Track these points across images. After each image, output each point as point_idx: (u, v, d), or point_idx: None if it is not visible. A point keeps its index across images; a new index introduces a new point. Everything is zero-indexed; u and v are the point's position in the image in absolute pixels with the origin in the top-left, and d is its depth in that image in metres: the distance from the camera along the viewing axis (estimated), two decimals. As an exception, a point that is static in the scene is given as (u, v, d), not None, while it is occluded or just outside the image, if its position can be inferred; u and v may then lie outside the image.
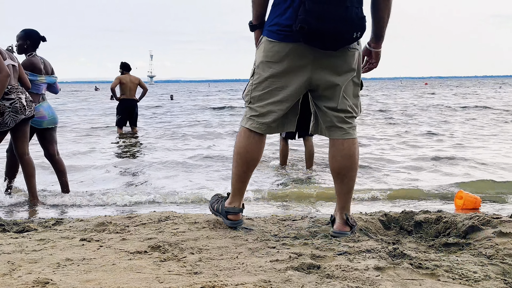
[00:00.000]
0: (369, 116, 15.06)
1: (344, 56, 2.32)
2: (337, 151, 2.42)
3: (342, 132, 2.40)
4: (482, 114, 14.96)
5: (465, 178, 5.32)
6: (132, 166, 6.52)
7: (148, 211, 3.29)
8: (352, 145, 2.41)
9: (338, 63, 2.32)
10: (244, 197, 2.61)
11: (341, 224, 2.44)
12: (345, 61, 2.33)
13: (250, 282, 1.74)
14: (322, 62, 2.31)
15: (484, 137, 9.34)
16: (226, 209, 2.56)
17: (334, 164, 2.44)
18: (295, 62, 2.31)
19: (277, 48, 2.32)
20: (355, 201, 4.32)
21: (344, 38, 2.20)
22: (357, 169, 2.46)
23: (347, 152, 2.40)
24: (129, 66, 9.77)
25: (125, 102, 9.70)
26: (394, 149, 7.95)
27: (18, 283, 1.73)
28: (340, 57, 2.31)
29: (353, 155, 2.41)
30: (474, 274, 1.79)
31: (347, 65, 2.34)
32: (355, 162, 2.43)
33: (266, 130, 2.44)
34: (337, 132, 2.41)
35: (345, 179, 2.43)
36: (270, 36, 2.34)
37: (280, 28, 2.30)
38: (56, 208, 4.26)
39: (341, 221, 2.45)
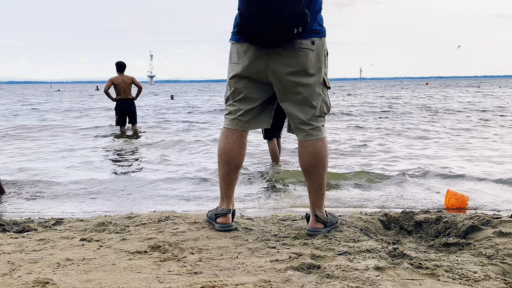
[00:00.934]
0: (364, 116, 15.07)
1: (296, 56, 2.35)
2: (302, 149, 2.47)
3: (304, 134, 2.45)
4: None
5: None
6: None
7: (148, 211, 3.29)
8: (317, 143, 2.44)
9: (290, 63, 2.36)
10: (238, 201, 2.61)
11: (313, 222, 2.49)
12: (297, 61, 2.36)
13: (250, 282, 1.74)
14: (276, 60, 2.36)
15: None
16: (215, 212, 2.58)
17: (300, 161, 2.50)
18: (252, 61, 2.40)
19: (236, 49, 2.45)
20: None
21: (282, 34, 2.25)
22: (325, 166, 2.48)
23: (311, 149, 2.44)
24: (122, 66, 9.77)
25: (121, 101, 9.83)
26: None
27: (18, 283, 1.73)
28: (292, 57, 2.35)
29: (318, 153, 2.44)
30: (474, 274, 1.79)
31: (300, 65, 2.36)
32: (321, 160, 2.45)
33: (239, 125, 2.50)
34: (300, 133, 2.47)
35: (312, 176, 2.47)
36: (231, 38, 2.47)
37: (235, 30, 2.38)
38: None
39: (313, 218, 2.49)
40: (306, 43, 2.35)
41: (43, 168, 6.14)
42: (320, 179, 2.48)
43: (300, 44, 2.34)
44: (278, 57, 2.36)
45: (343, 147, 8.04)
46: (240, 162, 2.54)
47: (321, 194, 2.51)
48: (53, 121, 14.31)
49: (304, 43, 2.35)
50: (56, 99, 25.74)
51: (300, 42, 2.34)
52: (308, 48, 2.36)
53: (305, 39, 2.35)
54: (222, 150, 2.52)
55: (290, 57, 2.35)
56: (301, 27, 2.25)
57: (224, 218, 2.53)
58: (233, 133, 2.51)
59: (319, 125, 2.47)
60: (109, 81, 9.72)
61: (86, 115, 17.04)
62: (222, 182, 2.57)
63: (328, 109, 2.50)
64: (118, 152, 7.84)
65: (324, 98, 2.47)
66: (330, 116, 14.41)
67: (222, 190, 2.58)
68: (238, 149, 2.51)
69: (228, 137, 2.51)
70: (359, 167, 5.98)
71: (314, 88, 2.41)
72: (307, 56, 2.36)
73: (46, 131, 11.20)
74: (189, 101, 27.95)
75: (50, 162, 6.76)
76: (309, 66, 2.38)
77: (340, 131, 10.69)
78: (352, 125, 12.20)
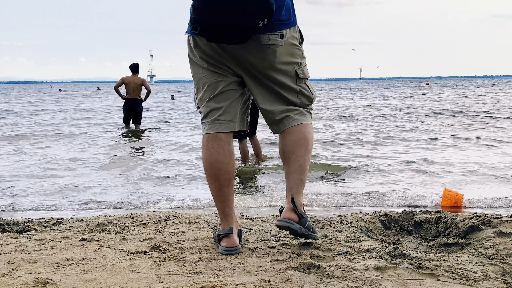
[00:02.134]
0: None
1: (263, 53, 2.07)
2: (285, 135, 2.18)
3: (289, 120, 2.17)
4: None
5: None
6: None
7: (148, 211, 3.29)
8: (300, 124, 2.17)
9: (258, 60, 2.09)
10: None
11: (288, 210, 2.12)
12: (264, 59, 2.08)
13: (250, 282, 1.74)
14: (243, 56, 2.08)
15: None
16: (218, 232, 2.22)
17: (281, 143, 2.20)
18: (215, 56, 2.11)
19: (195, 42, 2.13)
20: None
21: (245, 28, 1.95)
22: (307, 148, 2.16)
23: (294, 128, 2.16)
24: (135, 67, 10.33)
25: (128, 101, 10.33)
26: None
27: (18, 283, 1.73)
28: (259, 54, 2.07)
29: (301, 132, 2.16)
30: (474, 274, 1.79)
31: (268, 62, 2.09)
32: (305, 138, 2.15)
33: (220, 127, 2.14)
34: (281, 123, 2.18)
35: (292, 156, 2.15)
36: (188, 30, 2.15)
37: (191, 23, 2.08)
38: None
39: (288, 206, 2.13)
40: (274, 38, 2.06)
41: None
42: (301, 159, 2.14)
43: (268, 40, 2.05)
44: (244, 52, 2.07)
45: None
46: (231, 173, 2.17)
47: (301, 179, 2.15)
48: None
49: (271, 39, 2.05)
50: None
51: (268, 37, 2.05)
52: (276, 44, 2.07)
53: (273, 33, 2.05)
54: (206, 163, 2.16)
55: (257, 53, 2.07)
56: (266, 19, 1.94)
57: (227, 240, 2.14)
58: (214, 140, 2.13)
59: (301, 109, 2.20)
60: (121, 80, 10.24)
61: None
62: (216, 201, 2.20)
63: (310, 99, 2.22)
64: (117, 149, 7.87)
65: (302, 91, 2.18)
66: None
67: (219, 209, 2.21)
68: (224, 158, 2.13)
69: (209, 147, 2.14)
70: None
71: (286, 84, 2.15)
72: (275, 53, 2.08)
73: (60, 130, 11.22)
74: (190, 101, 27.94)
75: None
76: (277, 63, 2.10)
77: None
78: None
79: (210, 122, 2.15)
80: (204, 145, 2.16)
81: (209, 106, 2.15)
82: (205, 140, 2.16)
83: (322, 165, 6.09)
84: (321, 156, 6.93)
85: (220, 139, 2.14)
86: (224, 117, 2.14)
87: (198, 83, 2.18)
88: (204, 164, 2.17)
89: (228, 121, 2.14)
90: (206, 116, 2.17)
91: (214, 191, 2.18)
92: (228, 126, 2.15)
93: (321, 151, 7.51)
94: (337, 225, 2.60)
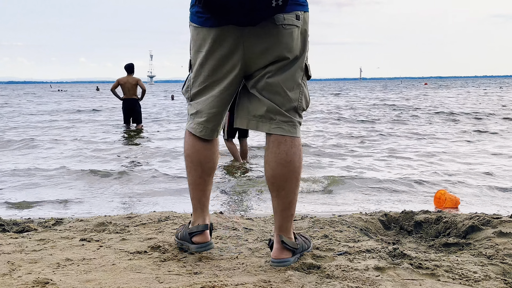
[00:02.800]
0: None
1: (279, 35, 1.87)
2: (272, 155, 1.95)
3: (272, 125, 1.95)
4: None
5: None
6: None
7: (148, 211, 3.29)
8: (291, 148, 1.94)
9: (271, 44, 1.88)
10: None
11: (278, 250, 1.97)
12: (280, 42, 1.88)
13: (250, 282, 1.74)
14: (252, 42, 1.88)
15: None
16: (190, 231, 2.10)
17: (268, 171, 1.97)
18: (223, 49, 1.91)
19: (201, 35, 1.94)
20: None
21: (256, 7, 1.76)
22: (298, 179, 1.97)
23: (283, 157, 1.93)
24: (130, 67, 10.51)
25: (125, 101, 10.64)
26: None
27: (18, 283, 1.73)
28: (273, 36, 1.87)
29: (292, 162, 1.93)
30: (474, 274, 1.79)
31: (284, 46, 1.89)
32: (295, 171, 1.95)
33: (203, 132, 2.04)
34: (266, 124, 1.95)
35: (281, 192, 1.96)
36: (193, 20, 1.97)
37: (198, 10, 1.92)
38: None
39: (277, 245, 1.98)
40: (290, 18, 1.88)
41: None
42: (291, 195, 1.97)
43: (283, 20, 1.86)
44: (255, 38, 1.88)
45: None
46: (215, 163, 2.08)
47: (291, 214, 2.00)
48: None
49: (287, 18, 1.87)
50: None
51: (283, 17, 1.86)
52: (292, 24, 1.88)
53: (288, 13, 1.87)
54: (191, 150, 2.05)
55: (271, 37, 1.87)
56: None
57: (201, 237, 2.07)
58: (199, 138, 2.06)
59: (294, 120, 1.97)
60: (116, 81, 10.59)
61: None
62: (194, 189, 2.06)
63: (307, 104, 2.02)
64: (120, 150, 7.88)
65: (304, 90, 1.99)
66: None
67: (195, 198, 2.08)
68: (210, 147, 2.06)
69: (195, 142, 2.06)
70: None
71: (294, 75, 1.94)
72: (292, 35, 1.89)
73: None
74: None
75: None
76: (294, 47, 1.91)
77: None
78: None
79: (196, 122, 2.04)
80: (190, 137, 2.08)
81: (202, 104, 2.02)
82: (191, 135, 2.08)
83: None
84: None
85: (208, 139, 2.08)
86: (207, 121, 2.03)
87: (197, 76, 2.00)
88: (189, 151, 2.05)
89: (206, 126, 2.04)
90: (196, 113, 2.05)
91: (195, 178, 2.06)
92: (205, 131, 2.04)
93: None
94: (337, 225, 2.60)
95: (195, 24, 1.95)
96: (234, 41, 1.89)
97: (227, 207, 4.26)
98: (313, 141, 8.81)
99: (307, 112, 11.25)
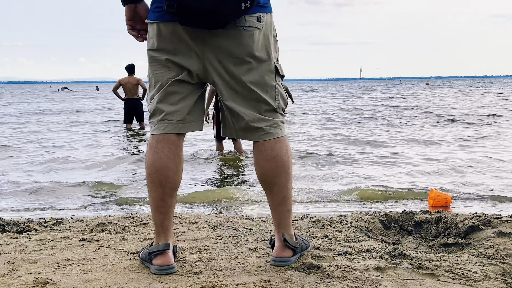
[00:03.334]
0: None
1: (239, 37, 1.84)
2: (258, 154, 1.95)
3: (260, 133, 1.93)
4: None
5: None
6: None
7: (148, 211, 3.29)
8: (276, 144, 1.93)
9: (233, 46, 1.84)
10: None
11: (279, 248, 1.96)
12: (241, 44, 1.84)
13: (250, 282, 1.74)
14: (213, 45, 1.84)
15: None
16: (149, 251, 1.93)
17: (258, 170, 1.97)
18: (180, 46, 1.86)
19: (157, 31, 1.86)
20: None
21: (224, 12, 1.74)
22: (288, 174, 1.96)
23: (269, 153, 1.93)
24: (131, 68, 10.76)
25: (127, 101, 10.91)
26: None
27: (18, 283, 1.73)
28: (234, 38, 1.84)
29: (278, 156, 1.93)
30: (474, 274, 1.79)
31: (245, 48, 1.85)
32: (283, 165, 1.94)
33: (169, 127, 1.89)
34: (254, 134, 1.94)
35: (274, 188, 1.95)
36: (150, 16, 1.89)
37: (157, 5, 1.85)
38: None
39: (279, 243, 1.97)
40: (251, 20, 1.84)
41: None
42: (284, 190, 1.96)
43: (244, 22, 1.83)
44: (216, 41, 1.83)
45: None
46: (178, 182, 1.93)
47: (287, 210, 1.99)
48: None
49: (248, 20, 1.83)
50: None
51: (244, 19, 1.82)
52: (253, 26, 1.85)
53: (249, 15, 1.84)
54: (152, 168, 1.89)
55: (232, 38, 1.83)
56: (249, 1, 1.75)
57: (162, 258, 1.88)
58: (164, 143, 1.89)
59: (277, 120, 1.96)
60: (118, 82, 10.84)
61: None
62: (155, 212, 1.92)
63: (286, 102, 2.00)
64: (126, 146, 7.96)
65: (279, 90, 1.96)
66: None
67: (157, 222, 1.93)
68: (173, 165, 1.89)
69: (158, 150, 1.88)
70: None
71: (264, 78, 1.91)
72: (253, 37, 1.85)
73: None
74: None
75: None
76: (255, 49, 1.87)
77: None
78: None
79: (158, 121, 1.91)
80: (152, 146, 1.90)
81: (160, 104, 1.91)
82: (154, 141, 1.90)
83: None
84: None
85: (171, 143, 1.90)
86: (174, 116, 1.90)
87: (154, 77, 1.92)
88: (150, 169, 1.90)
89: (178, 120, 1.90)
90: (154, 114, 1.93)
91: (156, 200, 1.91)
92: (178, 126, 1.91)
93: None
94: (337, 225, 2.60)
95: (150, 20, 1.89)
96: (193, 38, 1.84)
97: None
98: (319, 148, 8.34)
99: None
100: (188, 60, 1.87)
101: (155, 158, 1.89)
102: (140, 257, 2.03)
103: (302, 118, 14.78)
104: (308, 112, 17.24)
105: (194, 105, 1.94)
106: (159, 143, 1.89)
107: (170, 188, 1.90)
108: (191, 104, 1.93)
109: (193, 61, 1.87)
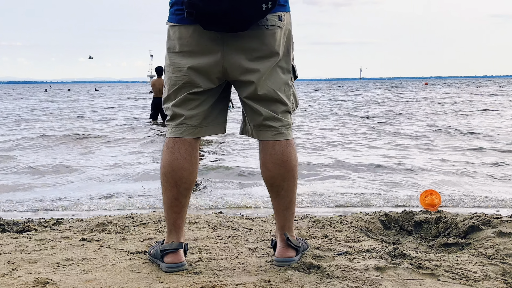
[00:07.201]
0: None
1: (261, 36, 1.85)
2: (268, 157, 1.95)
3: (272, 132, 1.94)
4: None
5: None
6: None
7: (148, 211, 3.29)
8: (286, 148, 1.94)
9: (254, 45, 1.85)
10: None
11: (282, 249, 1.98)
12: (262, 43, 1.85)
13: (250, 282, 1.74)
14: (233, 45, 1.84)
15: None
16: (162, 248, 1.95)
17: (266, 173, 1.97)
18: (201, 48, 1.86)
19: (178, 33, 1.88)
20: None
21: (247, 14, 1.74)
22: (295, 178, 1.99)
23: (279, 157, 1.93)
24: (160, 71, 11.88)
25: (154, 99, 12.41)
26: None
27: (18, 283, 1.73)
28: (256, 38, 1.84)
29: (288, 161, 1.94)
30: (474, 274, 1.79)
31: (267, 47, 1.86)
32: (292, 169, 1.95)
33: (187, 131, 1.92)
34: (266, 133, 1.94)
35: (281, 192, 1.97)
36: (170, 19, 1.91)
37: (178, 8, 1.86)
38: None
39: (282, 244, 1.99)
40: (273, 19, 1.85)
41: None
42: (291, 194, 1.99)
43: (266, 21, 1.84)
44: (237, 41, 1.84)
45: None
46: (192, 182, 1.96)
47: (292, 213, 2.03)
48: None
49: (270, 19, 1.85)
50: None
51: (266, 18, 1.84)
52: (275, 25, 1.86)
53: (271, 14, 1.84)
54: (168, 168, 1.92)
55: (253, 38, 1.84)
56: (270, 2, 1.74)
57: (174, 256, 1.91)
58: (181, 144, 1.92)
59: (289, 121, 1.98)
60: (151, 82, 12.44)
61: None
62: (169, 211, 1.95)
63: (297, 104, 2.02)
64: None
65: (293, 90, 1.98)
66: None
67: (170, 221, 1.96)
68: (189, 165, 1.92)
69: (175, 150, 1.92)
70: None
71: (283, 77, 1.93)
72: (275, 36, 1.86)
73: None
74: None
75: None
76: (277, 48, 1.88)
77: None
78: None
79: (176, 125, 1.94)
80: (168, 147, 1.94)
81: (177, 107, 1.93)
82: (171, 143, 1.94)
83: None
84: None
85: (188, 144, 1.93)
86: (193, 121, 1.93)
87: (171, 80, 1.94)
88: (165, 169, 1.93)
89: (196, 125, 1.94)
90: (172, 118, 1.95)
91: (170, 199, 1.94)
92: (196, 131, 1.94)
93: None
94: (337, 225, 2.60)
95: (171, 23, 1.91)
96: (214, 40, 1.84)
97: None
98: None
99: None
100: (208, 62, 1.86)
101: (172, 159, 1.92)
102: (150, 255, 2.05)
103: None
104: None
105: (211, 109, 1.96)
106: (175, 144, 1.93)
107: (184, 188, 1.93)
108: (208, 108, 1.95)
109: (213, 62, 1.86)
